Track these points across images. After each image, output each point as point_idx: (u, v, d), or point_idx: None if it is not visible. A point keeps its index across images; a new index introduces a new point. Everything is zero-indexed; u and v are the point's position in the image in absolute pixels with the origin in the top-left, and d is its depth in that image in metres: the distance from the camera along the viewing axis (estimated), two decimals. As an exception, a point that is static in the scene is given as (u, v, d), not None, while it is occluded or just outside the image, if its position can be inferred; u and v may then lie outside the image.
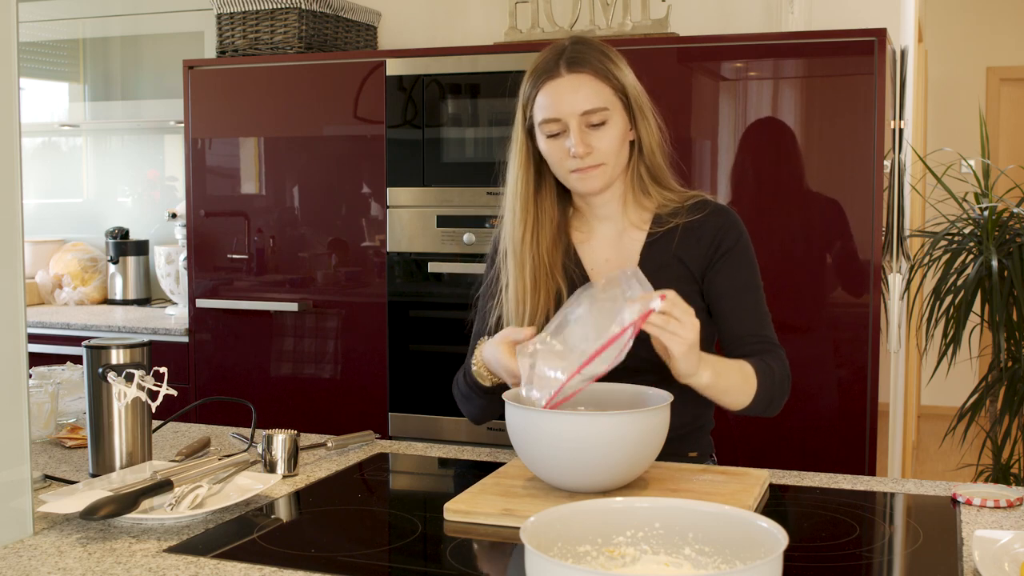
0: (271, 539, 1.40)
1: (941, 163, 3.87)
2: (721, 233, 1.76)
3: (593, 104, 1.68)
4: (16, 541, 1.37)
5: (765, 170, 2.81)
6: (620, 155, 1.73)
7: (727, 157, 2.83)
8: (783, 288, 2.80)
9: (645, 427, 1.48)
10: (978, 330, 3.68)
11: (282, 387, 3.30)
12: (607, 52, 1.73)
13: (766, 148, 2.81)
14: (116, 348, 1.67)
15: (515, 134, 1.79)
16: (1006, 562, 1.23)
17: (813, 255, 2.78)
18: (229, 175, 3.38)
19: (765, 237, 2.80)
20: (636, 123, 1.74)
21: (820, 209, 2.77)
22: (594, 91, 1.69)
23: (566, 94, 1.68)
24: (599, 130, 1.69)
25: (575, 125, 1.68)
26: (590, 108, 1.68)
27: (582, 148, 1.67)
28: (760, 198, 2.81)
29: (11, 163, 1.38)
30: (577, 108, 1.68)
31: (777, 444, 2.79)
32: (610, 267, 1.77)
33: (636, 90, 1.74)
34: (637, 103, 1.73)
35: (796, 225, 2.79)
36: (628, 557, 1.11)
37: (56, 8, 4.07)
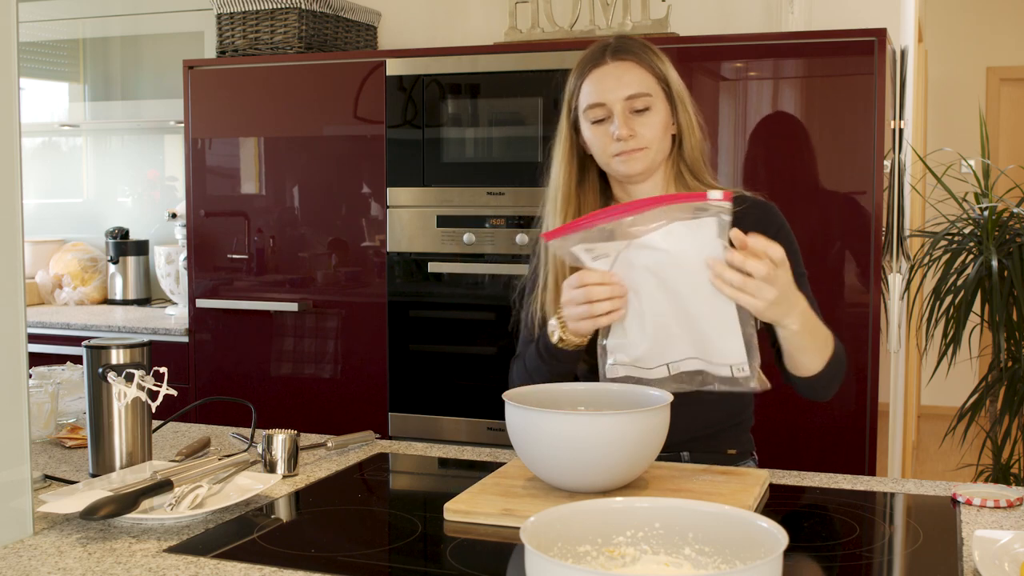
0: (271, 539, 1.40)
1: (941, 163, 3.87)
2: (764, 224, 1.76)
3: (636, 89, 1.71)
4: (16, 541, 1.37)
5: (764, 170, 2.81)
6: (662, 143, 1.75)
7: (727, 157, 2.83)
8: (783, 288, 2.80)
9: (645, 427, 1.48)
10: (978, 330, 3.68)
11: (282, 387, 3.30)
12: (649, 46, 1.77)
13: (765, 148, 2.81)
14: (116, 348, 1.67)
15: (560, 128, 1.82)
16: (1006, 562, 1.23)
17: (813, 255, 2.78)
18: (229, 175, 3.38)
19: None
20: (677, 115, 1.77)
21: (820, 209, 2.77)
22: (637, 77, 1.72)
23: (611, 80, 1.72)
24: (642, 115, 1.72)
25: (619, 109, 1.71)
26: (634, 93, 1.71)
27: (625, 130, 1.70)
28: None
29: (11, 163, 1.38)
30: (621, 93, 1.71)
31: (777, 444, 2.78)
32: None
33: (678, 84, 1.77)
34: (679, 96, 1.76)
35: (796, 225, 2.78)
36: (628, 557, 1.11)
37: (56, 8, 4.07)
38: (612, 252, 1.54)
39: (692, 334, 1.55)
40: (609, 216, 1.52)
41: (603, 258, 1.54)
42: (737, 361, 1.54)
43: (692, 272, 1.50)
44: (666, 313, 1.55)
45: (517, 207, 3.00)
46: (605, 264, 1.55)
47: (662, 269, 1.52)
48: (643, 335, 1.58)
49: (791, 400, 2.82)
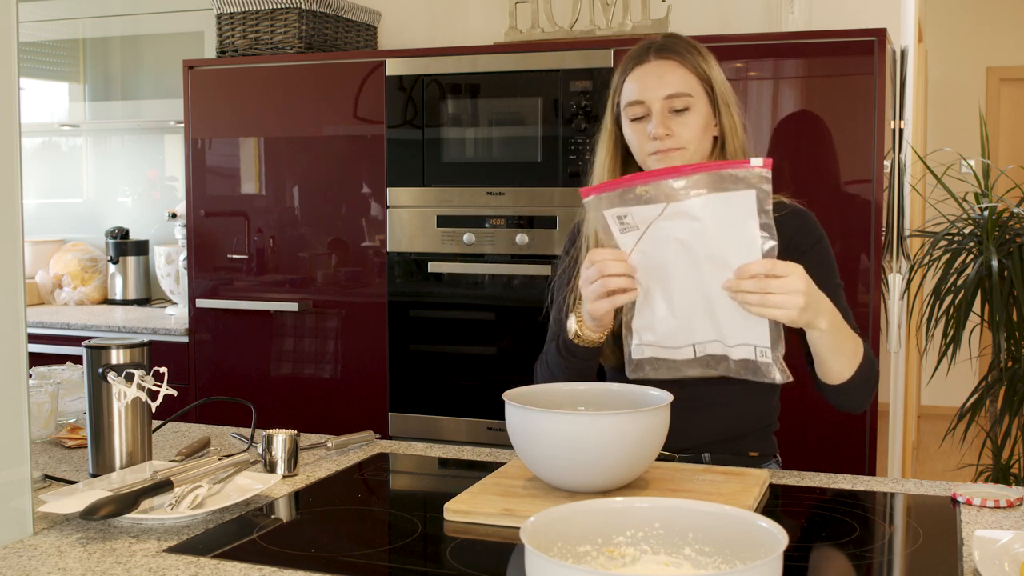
0: (271, 539, 1.40)
1: (941, 163, 3.87)
2: (800, 233, 1.76)
3: (676, 88, 1.71)
4: (16, 541, 1.37)
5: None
6: (701, 144, 1.74)
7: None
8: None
9: (645, 427, 1.48)
10: (978, 330, 3.68)
11: (282, 387, 3.30)
12: (696, 46, 1.76)
13: (765, 148, 2.81)
14: (116, 348, 1.67)
15: (604, 123, 1.82)
16: (1006, 562, 1.23)
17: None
18: (229, 175, 3.38)
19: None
20: (720, 117, 1.75)
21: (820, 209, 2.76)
22: (679, 77, 1.72)
23: (651, 78, 1.72)
24: (681, 115, 1.72)
25: (658, 108, 1.71)
26: (673, 92, 1.71)
27: (661, 130, 1.70)
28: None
29: (11, 163, 1.38)
30: (661, 92, 1.71)
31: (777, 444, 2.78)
32: None
33: (723, 85, 1.76)
34: (723, 97, 1.75)
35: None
36: (628, 557, 1.11)
37: (56, 8, 4.07)
38: (643, 223, 1.49)
39: (719, 313, 1.51)
40: (648, 178, 1.47)
41: (632, 230, 1.50)
42: (761, 344, 1.51)
43: (724, 248, 1.47)
44: (694, 289, 1.51)
45: (517, 207, 3.00)
46: (633, 237, 1.51)
47: (695, 241, 1.47)
48: (671, 312, 1.54)
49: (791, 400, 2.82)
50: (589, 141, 2.92)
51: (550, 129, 2.96)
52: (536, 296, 3.03)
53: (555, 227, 2.96)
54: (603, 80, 2.90)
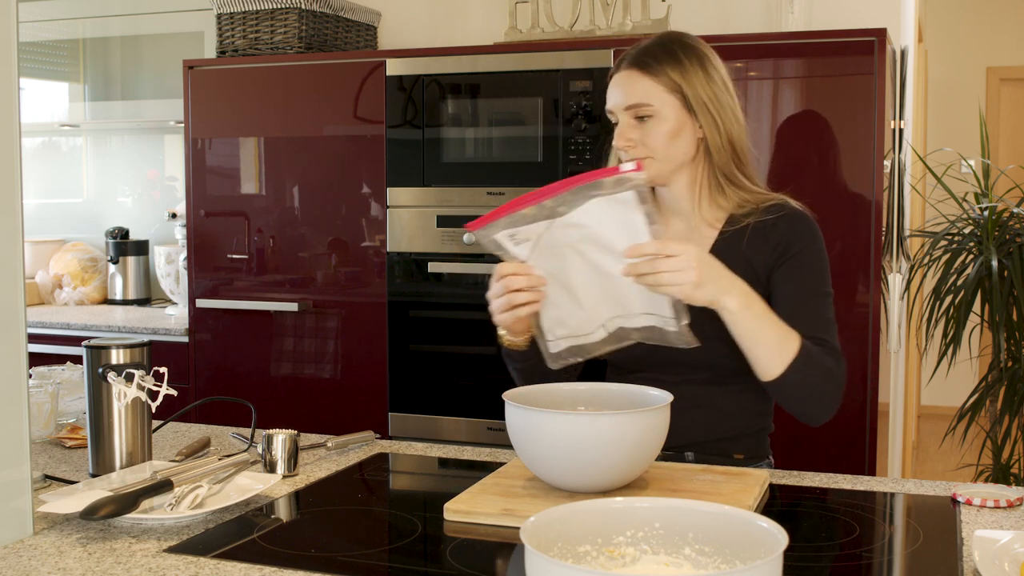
0: (271, 539, 1.40)
1: (941, 163, 3.87)
2: (792, 236, 1.76)
3: (636, 100, 1.74)
4: (16, 541, 1.37)
5: (764, 170, 2.81)
6: (671, 150, 1.75)
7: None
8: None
9: (645, 427, 1.48)
10: (978, 330, 3.68)
11: (282, 387, 3.30)
12: (676, 52, 1.76)
13: (765, 148, 2.81)
14: (116, 348, 1.67)
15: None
16: (1006, 562, 1.23)
17: (813, 255, 2.78)
18: (229, 175, 3.38)
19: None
20: (700, 121, 1.76)
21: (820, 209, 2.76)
22: (641, 88, 1.75)
23: (617, 89, 1.78)
24: (645, 123, 1.75)
25: (623, 119, 1.76)
26: (632, 103, 1.75)
27: (621, 140, 1.76)
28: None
29: (11, 163, 1.38)
30: (622, 102, 1.76)
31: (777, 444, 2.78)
32: None
33: (701, 92, 1.75)
34: (699, 104, 1.75)
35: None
36: (628, 557, 1.11)
37: (56, 8, 4.07)
38: (533, 236, 1.57)
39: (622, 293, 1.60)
40: (527, 202, 1.55)
41: (525, 243, 1.58)
42: (666, 314, 1.59)
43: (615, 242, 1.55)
44: (594, 281, 1.59)
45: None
46: (527, 248, 1.58)
47: (585, 244, 1.57)
48: (576, 306, 1.63)
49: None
50: (589, 141, 2.92)
51: (550, 129, 2.96)
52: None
53: (555, 227, 2.96)
54: (603, 80, 2.90)
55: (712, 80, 1.76)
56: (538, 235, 1.57)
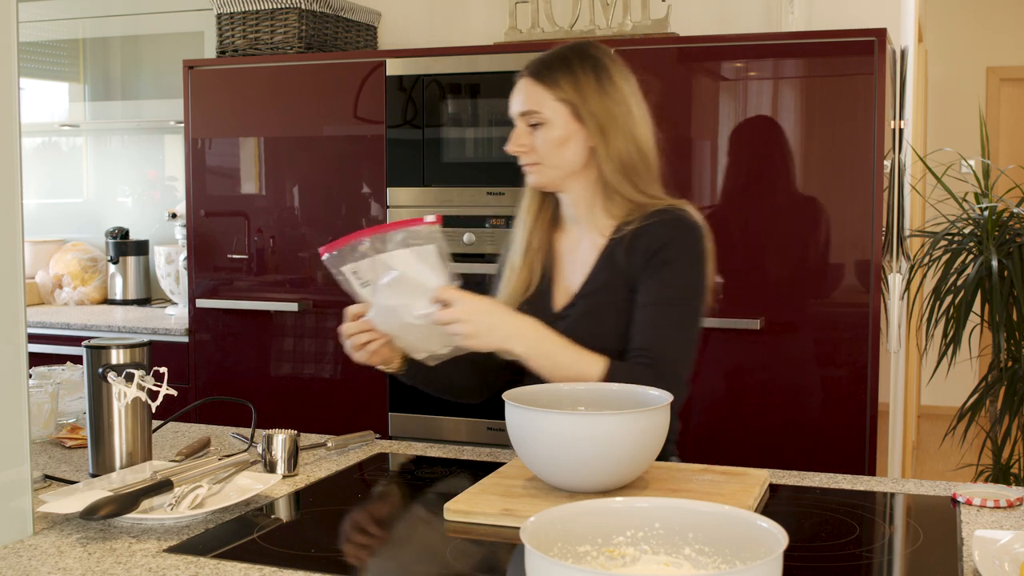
0: (271, 539, 1.40)
1: (941, 163, 3.87)
2: (662, 243, 1.77)
3: (526, 107, 1.83)
4: (16, 541, 1.37)
5: (764, 170, 2.81)
6: (558, 158, 1.82)
7: (727, 157, 2.83)
8: (784, 288, 2.80)
9: (645, 427, 1.48)
10: (978, 330, 3.68)
11: (282, 387, 3.30)
12: (572, 63, 1.82)
13: (766, 148, 2.81)
14: (116, 348, 1.67)
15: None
16: (1006, 562, 1.24)
17: (813, 255, 2.78)
18: (229, 175, 3.38)
19: (765, 237, 2.80)
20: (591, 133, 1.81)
21: (820, 209, 2.76)
22: (533, 96, 1.83)
23: (514, 96, 1.87)
24: (535, 131, 1.83)
25: (518, 124, 1.86)
26: (523, 110, 1.84)
27: (512, 145, 1.85)
28: (759, 198, 2.81)
29: (11, 163, 1.38)
30: (516, 109, 1.86)
31: (777, 444, 2.79)
32: (570, 269, 1.88)
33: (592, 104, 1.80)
34: (589, 115, 1.79)
35: (795, 225, 2.79)
36: (628, 557, 1.11)
37: (56, 8, 4.07)
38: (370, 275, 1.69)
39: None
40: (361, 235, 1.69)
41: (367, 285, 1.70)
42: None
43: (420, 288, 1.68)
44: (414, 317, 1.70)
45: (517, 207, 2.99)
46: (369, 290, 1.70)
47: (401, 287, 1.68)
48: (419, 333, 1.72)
49: (791, 400, 2.83)
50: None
51: (550, 129, 2.96)
52: (536, 296, 3.03)
53: (555, 227, 2.96)
54: (603, 80, 2.90)
55: (605, 93, 1.80)
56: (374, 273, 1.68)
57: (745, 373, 2.81)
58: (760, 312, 2.79)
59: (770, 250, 2.79)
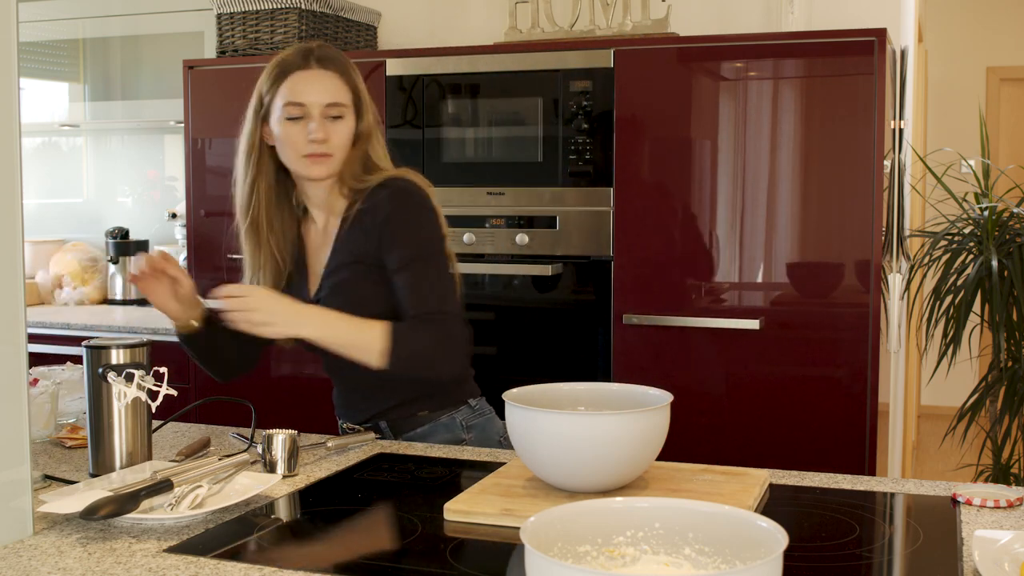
0: (271, 539, 1.40)
1: (941, 163, 3.87)
2: (385, 215, 1.89)
3: (336, 99, 1.88)
4: (16, 541, 1.37)
5: (764, 170, 2.81)
6: (345, 151, 1.91)
7: (727, 157, 2.83)
8: (783, 288, 2.80)
9: (645, 427, 1.48)
10: (978, 330, 3.68)
11: (282, 387, 3.30)
12: (347, 59, 1.94)
13: (765, 148, 2.81)
14: (116, 348, 1.67)
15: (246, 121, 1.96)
16: (1006, 562, 1.23)
17: (813, 255, 2.78)
18: (229, 175, 3.36)
19: (764, 236, 2.80)
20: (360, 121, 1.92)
21: (820, 209, 2.77)
22: (338, 88, 1.89)
23: (314, 84, 1.88)
24: (335, 123, 1.89)
25: (317, 113, 1.87)
26: (333, 101, 1.88)
27: (322, 133, 1.86)
28: (759, 198, 2.81)
29: (11, 163, 1.38)
30: (323, 99, 1.87)
31: (777, 444, 2.79)
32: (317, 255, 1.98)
33: (365, 93, 1.94)
34: (367, 105, 1.93)
35: (795, 225, 2.79)
36: (628, 557, 1.11)
37: (56, 8, 4.07)
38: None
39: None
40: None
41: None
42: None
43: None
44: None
45: (517, 207, 3.00)
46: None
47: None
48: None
49: (791, 400, 2.83)
50: (589, 141, 2.92)
51: (550, 129, 2.96)
52: (536, 296, 3.03)
53: (555, 227, 2.96)
54: (603, 80, 2.90)
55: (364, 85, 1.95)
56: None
57: (745, 373, 2.81)
58: (760, 312, 2.79)
59: (770, 250, 2.79)
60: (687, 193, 2.85)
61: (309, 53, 1.91)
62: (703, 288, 2.86)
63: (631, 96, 2.87)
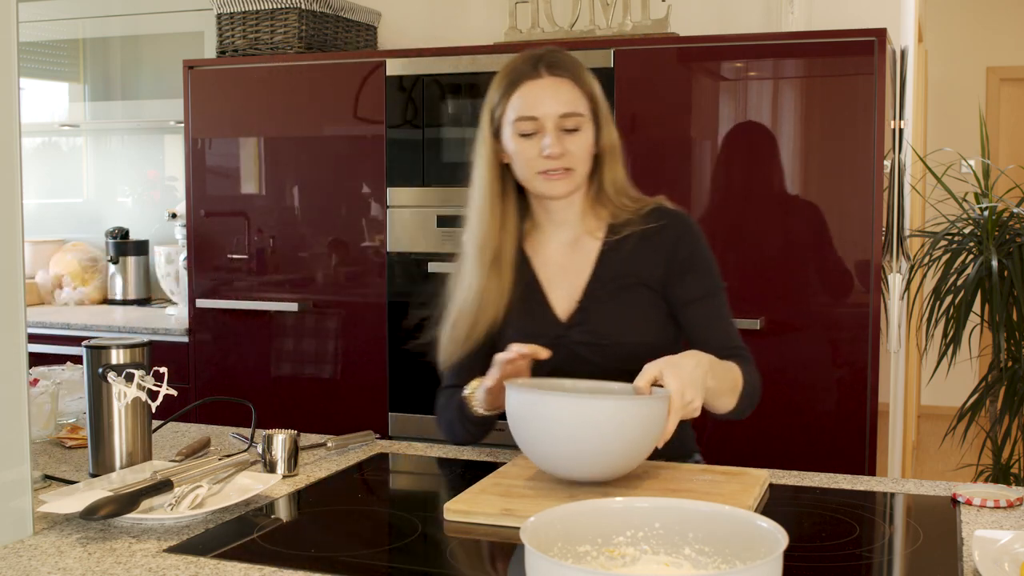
0: (271, 539, 1.40)
1: (941, 163, 3.87)
2: (679, 242, 1.77)
3: (571, 108, 1.72)
4: (16, 541, 1.37)
5: (765, 170, 2.81)
6: (587, 164, 1.76)
7: (727, 157, 2.83)
8: (783, 288, 2.80)
9: (647, 415, 1.47)
10: (978, 330, 3.68)
11: (282, 387, 3.30)
12: (580, 63, 1.78)
13: (765, 148, 2.80)
14: (116, 348, 1.67)
15: (480, 136, 1.82)
16: (1006, 562, 1.24)
17: (813, 255, 2.78)
18: (229, 175, 3.38)
19: (764, 237, 2.80)
20: (601, 134, 1.76)
21: (820, 209, 2.76)
22: (573, 96, 1.72)
23: (546, 95, 1.71)
24: (572, 135, 1.72)
25: (551, 126, 1.71)
26: (568, 111, 1.71)
27: (558, 148, 1.70)
28: (759, 198, 2.81)
29: (11, 163, 1.38)
30: (556, 110, 1.71)
31: (777, 444, 2.78)
32: (565, 275, 1.80)
33: (605, 103, 1.78)
34: (605, 115, 1.77)
35: (796, 225, 2.79)
36: (628, 557, 1.11)
37: (56, 8, 4.07)
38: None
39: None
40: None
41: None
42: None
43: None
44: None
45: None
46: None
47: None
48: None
49: (791, 400, 2.82)
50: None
51: (550, 129, 2.96)
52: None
53: (555, 227, 2.96)
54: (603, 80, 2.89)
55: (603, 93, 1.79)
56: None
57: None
58: (760, 312, 2.79)
59: (770, 250, 2.79)
60: (687, 193, 2.85)
61: (539, 60, 1.74)
62: (703, 288, 2.86)
63: (631, 96, 2.86)
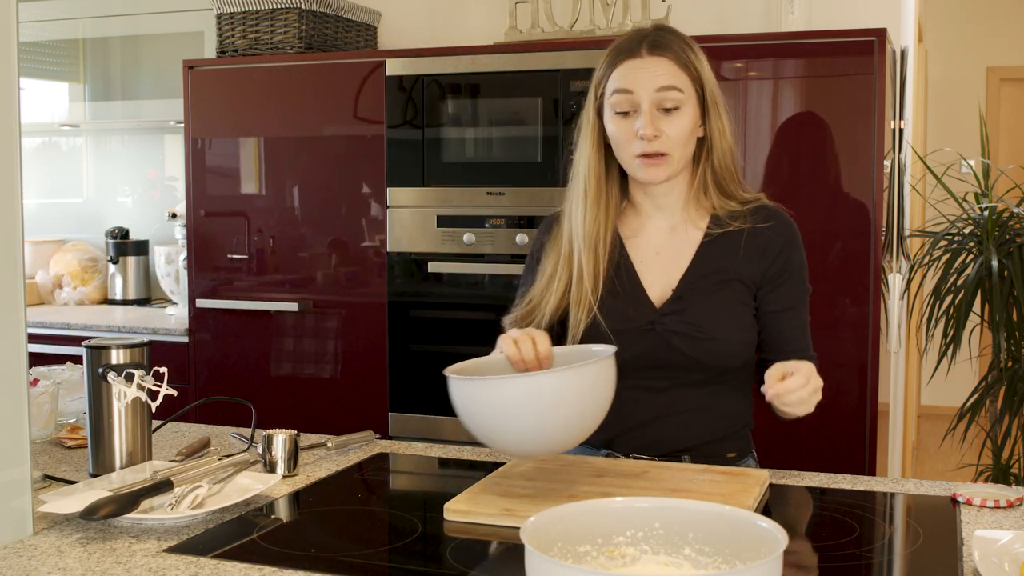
0: (271, 539, 1.40)
1: (941, 163, 3.87)
2: (789, 249, 1.76)
3: (669, 82, 1.65)
4: (16, 541, 1.37)
5: (765, 170, 2.81)
6: (686, 148, 1.70)
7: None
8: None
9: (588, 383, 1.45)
10: (978, 330, 3.68)
11: (282, 387, 3.30)
12: (689, 42, 1.71)
13: (765, 148, 2.81)
14: (116, 348, 1.67)
15: (585, 115, 1.76)
16: (1006, 562, 1.23)
17: (813, 255, 2.77)
18: (229, 175, 3.38)
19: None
20: (708, 119, 1.71)
21: (820, 209, 2.76)
22: (672, 72, 1.66)
23: (644, 71, 1.66)
24: (670, 115, 1.66)
25: (647, 106, 1.66)
26: (665, 84, 1.65)
27: (651, 129, 1.65)
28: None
29: (11, 163, 1.38)
30: (653, 84, 1.65)
31: (777, 444, 2.78)
32: (660, 261, 1.75)
33: (713, 85, 1.71)
34: (713, 98, 1.71)
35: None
36: (628, 557, 1.11)
37: (56, 8, 4.07)
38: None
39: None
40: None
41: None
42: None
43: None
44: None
45: (517, 207, 3.00)
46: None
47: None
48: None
49: (791, 400, 2.81)
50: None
51: (550, 129, 2.96)
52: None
53: (555, 227, 2.96)
54: (603, 80, 2.90)
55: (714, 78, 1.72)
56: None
57: (745, 373, 2.81)
58: (760, 312, 2.79)
59: (770, 250, 2.79)
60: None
61: (643, 38, 1.68)
62: (703, 288, 2.86)
63: (631, 96, 2.86)
